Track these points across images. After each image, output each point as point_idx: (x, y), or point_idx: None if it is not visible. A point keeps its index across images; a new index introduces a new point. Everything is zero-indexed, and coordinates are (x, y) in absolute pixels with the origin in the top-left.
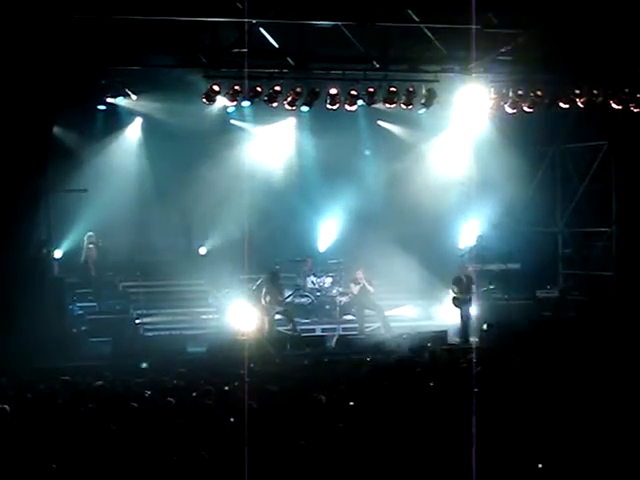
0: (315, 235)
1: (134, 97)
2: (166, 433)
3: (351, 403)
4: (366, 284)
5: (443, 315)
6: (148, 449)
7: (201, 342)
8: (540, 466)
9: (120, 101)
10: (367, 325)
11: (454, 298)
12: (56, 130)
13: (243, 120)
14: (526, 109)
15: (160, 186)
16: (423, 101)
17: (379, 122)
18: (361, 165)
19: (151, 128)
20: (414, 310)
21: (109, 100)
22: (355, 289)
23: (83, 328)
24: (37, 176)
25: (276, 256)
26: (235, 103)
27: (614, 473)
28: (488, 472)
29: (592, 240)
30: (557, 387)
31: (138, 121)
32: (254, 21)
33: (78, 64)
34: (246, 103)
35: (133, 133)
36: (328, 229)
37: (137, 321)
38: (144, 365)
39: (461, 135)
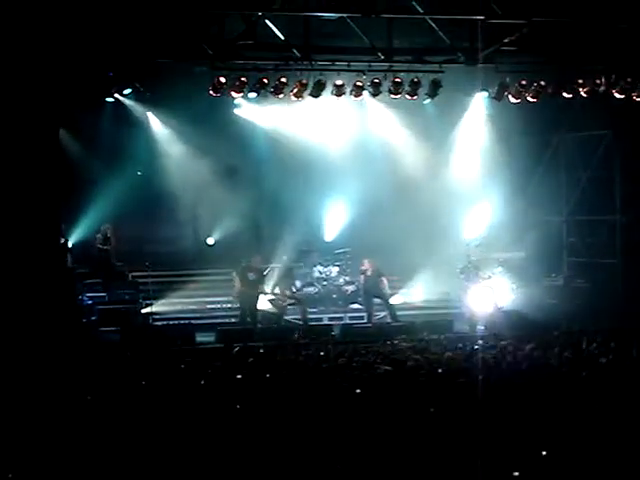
0: (321, 224)
1: (142, 90)
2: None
3: (357, 391)
4: (371, 272)
5: (449, 303)
6: (157, 438)
7: (210, 331)
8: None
9: (128, 94)
10: (375, 314)
11: (460, 285)
12: (65, 124)
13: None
14: (529, 99)
15: (168, 176)
16: (428, 92)
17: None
18: (367, 152)
19: (159, 120)
20: (421, 298)
21: (116, 93)
22: (361, 278)
23: (93, 318)
24: (49, 168)
25: (283, 246)
26: (241, 95)
27: (618, 455)
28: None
29: (597, 228)
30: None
31: (147, 113)
32: (260, 13)
33: (85, 57)
34: (252, 95)
35: (142, 125)
36: (334, 218)
37: (146, 311)
38: None
39: (466, 125)
